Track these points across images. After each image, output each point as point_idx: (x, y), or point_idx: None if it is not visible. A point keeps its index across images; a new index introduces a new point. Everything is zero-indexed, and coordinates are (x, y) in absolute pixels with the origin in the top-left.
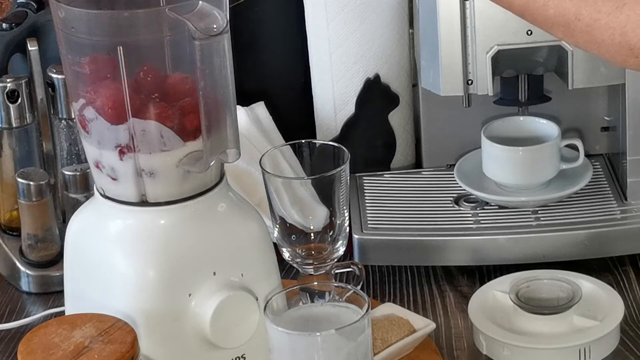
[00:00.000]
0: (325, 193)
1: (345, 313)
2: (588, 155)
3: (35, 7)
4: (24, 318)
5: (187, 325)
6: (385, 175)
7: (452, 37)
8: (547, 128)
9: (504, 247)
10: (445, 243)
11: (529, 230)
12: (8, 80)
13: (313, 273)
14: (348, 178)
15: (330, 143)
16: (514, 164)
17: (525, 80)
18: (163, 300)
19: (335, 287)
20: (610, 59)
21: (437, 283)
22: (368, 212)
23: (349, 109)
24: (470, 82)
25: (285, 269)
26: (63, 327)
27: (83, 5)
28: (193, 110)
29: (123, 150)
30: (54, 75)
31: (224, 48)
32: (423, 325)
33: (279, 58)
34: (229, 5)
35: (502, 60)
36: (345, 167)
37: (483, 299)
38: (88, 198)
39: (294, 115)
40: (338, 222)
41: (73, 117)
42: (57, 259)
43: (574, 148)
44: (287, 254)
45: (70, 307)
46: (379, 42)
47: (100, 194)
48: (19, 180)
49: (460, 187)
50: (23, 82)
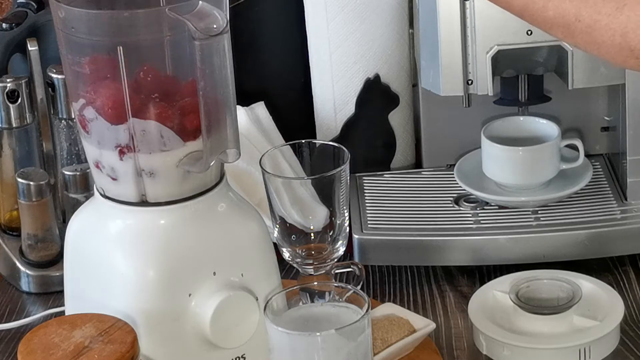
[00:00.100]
0: (325, 193)
1: (345, 313)
2: (588, 155)
3: (35, 7)
4: (24, 318)
5: (187, 325)
6: (385, 175)
7: (452, 37)
8: (547, 128)
9: (504, 247)
10: (445, 243)
11: (529, 230)
12: (8, 80)
13: (313, 273)
14: (348, 178)
15: (330, 143)
16: (514, 164)
17: (525, 80)
18: (163, 300)
19: (335, 287)
20: (611, 60)
21: (437, 283)
22: (368, 212)
23: (349, 109)
24: (470, 82)
25: (285, 269)
26: (63, 327)
27: (83, 5)
28: (193, 110)
29: (123, 150)
30: (54, 75)
31: (224, 48)
32: (423, 325)
33: (279, 58)
34: (229, 5)
35: (502, 60)
36: (345, 167)
37: (483, 299)
38: (88, 198)
39: (294, 115)
40: (338, 222)
41: (73, 117)
42: (57, 259)
43: (574, 148)
44: (287, 254)
45: (70, 307)
46: (379, 42)
47: (100, 194)
48: (19, 180)
49: (460, 187)
50: (23, 82)
